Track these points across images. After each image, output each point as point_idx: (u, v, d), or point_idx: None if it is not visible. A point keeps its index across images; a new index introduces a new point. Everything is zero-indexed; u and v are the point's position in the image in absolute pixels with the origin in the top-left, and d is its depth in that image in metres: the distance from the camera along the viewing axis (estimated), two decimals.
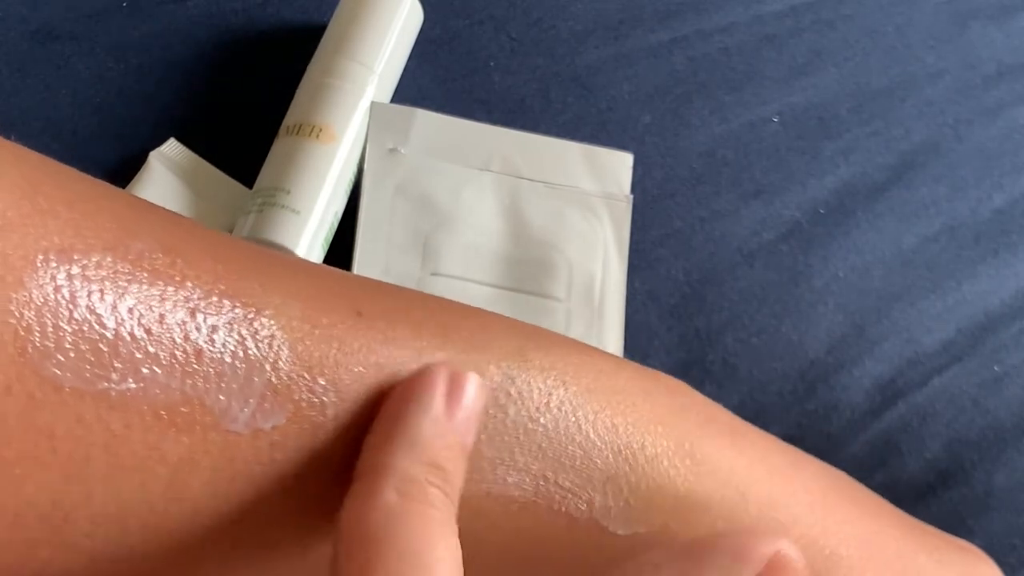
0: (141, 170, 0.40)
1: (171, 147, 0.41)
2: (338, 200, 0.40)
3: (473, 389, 0.24)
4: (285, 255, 0.31)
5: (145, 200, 0.23)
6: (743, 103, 0.45)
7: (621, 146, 0.43)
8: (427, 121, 0.42)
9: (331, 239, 0.40)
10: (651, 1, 0.46)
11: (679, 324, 0.41)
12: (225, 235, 0.25)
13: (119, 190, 0.23)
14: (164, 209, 0.24)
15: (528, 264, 0.40)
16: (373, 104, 0.41)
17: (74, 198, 0.21)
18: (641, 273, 0.41)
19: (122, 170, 0.40)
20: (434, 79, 0.44)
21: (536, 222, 0.41)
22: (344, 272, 0.26)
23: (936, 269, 0.43)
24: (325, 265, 0.30)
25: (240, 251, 0.24)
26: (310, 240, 0.38)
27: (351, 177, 0.40)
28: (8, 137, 0.21)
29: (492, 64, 0.44)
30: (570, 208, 0.41)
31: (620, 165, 0.42)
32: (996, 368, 0.41)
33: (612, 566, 0.27)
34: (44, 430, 0.19)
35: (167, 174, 0.41)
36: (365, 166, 0.41)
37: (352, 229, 0.40)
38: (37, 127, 0.41)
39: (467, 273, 0.40)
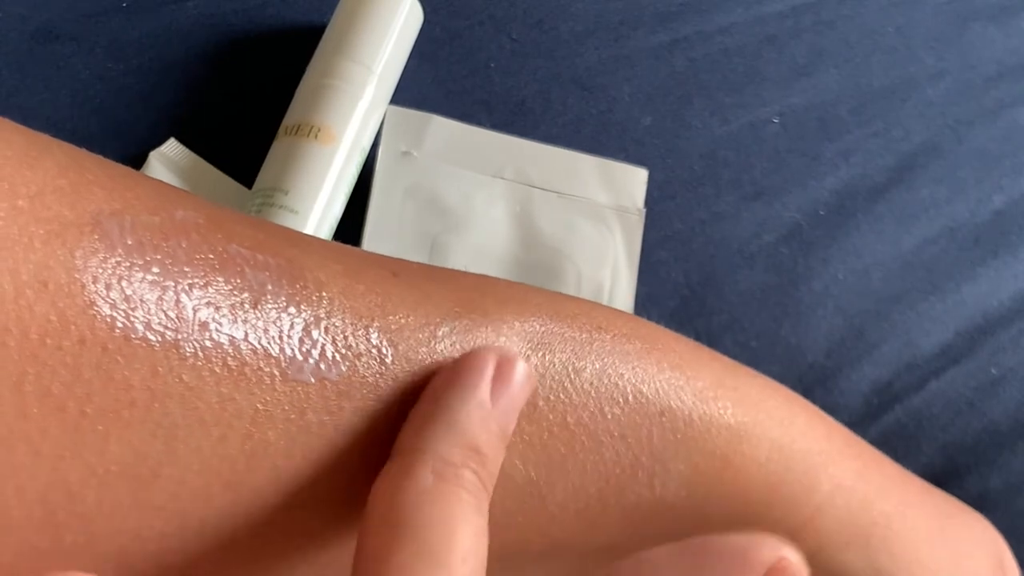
0: (141, 170, 0.40)
1: (171, 147, 0.41)
2: (337, 201, 0.40)
3: (521, 376, 0.23)
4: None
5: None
6: (743, 104, 0.45)
7: (621, 147, 0.43)
8: (442, 128, 0.42)
9: (330, 240, 0.40)
10: (652, 2, 0.46)
11: (678, 327, 0.41)
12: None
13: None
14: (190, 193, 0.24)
15: (536, 269, 0.40)
16: (389, 108, 0.41)
17: (115, 173, 0.22)
18: (641, 275, 0.41)
19: None
20: (434, 80, 0.44)
21: (546, 230, 0.41)
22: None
23: (935, 271, 0.43)
24: None
25: (271, 224, 0.24)
26: None
27: (351, 178, 0.40)
28: None
29: (492, 65, 0.44)
30: (581, 218, 0.41)
31: (634, 180, 0.42)
32: (993, 371, 0.41)
33: (611, 565, 0.27)
34: (122, 383, 0.19)
35: (167, 174, 0.41)
36: (376, 167, 0.41)
37: (354, 230, 0.40)
38: (37, 127, 0.40)
39: None
